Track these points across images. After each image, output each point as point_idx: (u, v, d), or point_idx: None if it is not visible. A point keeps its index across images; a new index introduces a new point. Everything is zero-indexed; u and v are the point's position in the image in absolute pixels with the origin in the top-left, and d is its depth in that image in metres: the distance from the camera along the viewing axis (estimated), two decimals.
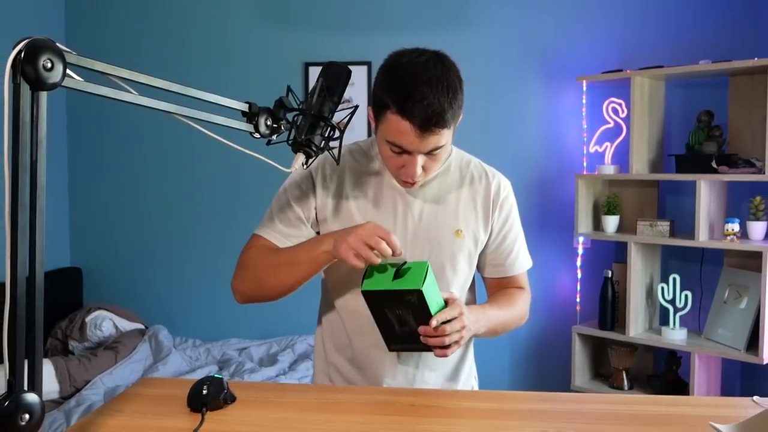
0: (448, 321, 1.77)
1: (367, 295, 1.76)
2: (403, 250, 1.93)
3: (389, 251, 1.75)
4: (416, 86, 1.76)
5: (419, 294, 1.70)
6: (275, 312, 4.84)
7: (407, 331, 1.78)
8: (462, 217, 2.07)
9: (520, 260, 2.19)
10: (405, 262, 1.80)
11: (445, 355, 1.79)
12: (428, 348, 1.81)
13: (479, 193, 2.11)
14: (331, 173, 2.09)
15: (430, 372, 2.09)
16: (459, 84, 1.84)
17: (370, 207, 2.05)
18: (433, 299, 1.75)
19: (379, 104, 1.84)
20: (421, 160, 1.86)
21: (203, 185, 5.03)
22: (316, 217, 2.09)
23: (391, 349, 1.88)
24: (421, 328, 1.76)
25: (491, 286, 2.21)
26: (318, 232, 2.10)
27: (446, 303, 1.82)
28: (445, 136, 1.83)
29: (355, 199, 2.05)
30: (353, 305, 2.04)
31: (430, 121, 1.76)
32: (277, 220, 2.08)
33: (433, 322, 1.74)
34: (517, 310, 2.14)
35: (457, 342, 1.79)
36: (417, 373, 2.08)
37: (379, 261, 1.77)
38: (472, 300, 2.21)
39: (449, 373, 2.15)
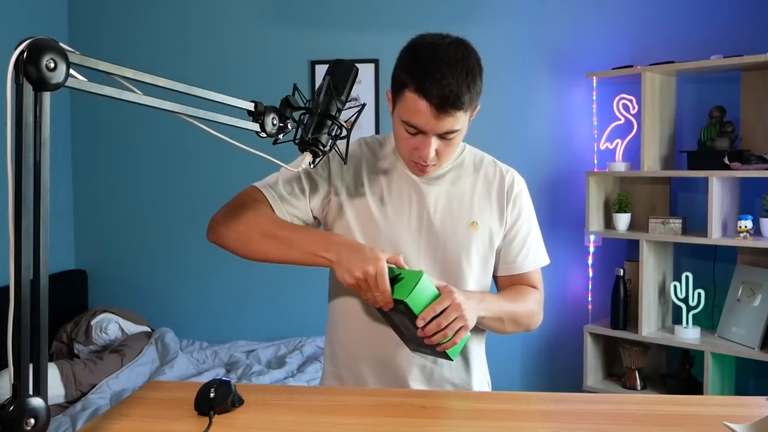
0: (442, 313, 1.74)
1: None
2: (418, 242, 1.99)
3: (378, 299, 1.78)
4: (436, 66, 1.79)
5: (405, 304, 1.71)
6: (283, 314, 4.85)
7: (415, 335, 1.78)
8: (477, 210, 2.07)
9: (532, 257, 2.15)
10: (399, 273, 1.78)
11: (454, 343, 1.76)
12: (442, 354, 1.81)
13: (493, 186, 2.11)
14: (347, 165, 2.10)
15: (448, 365, 2.07)
16: (479, 70, 1.88)
17: (384, 198, 2.05)
18: (425, 306, 1.75)
19: (398, 83, 1.88)
20: (435, 143, 1.88)
21: (209, 186, 5.03)
22: (327, 201, 2.08)
23: (411, 349, 1.89)
24: (419, 332, 1.75)
25: (503, 284, 2.19)
26: (320, 218, 2.10)
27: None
28: (460, 120, 1.85)
29: (371, 189, 2.06)
30: (363, 303, 2.04)
31: (447, 101, 1.78)
32: (280, 182, 2.09)
33: (419, 322, 1.73)
34: (525, 304, 2.09)
35: (462, 329, 1.77)
36: (435, 368, 2.06)
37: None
38: None
39: (464, 364, 2.12)
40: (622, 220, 4.31)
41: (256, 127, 1.62)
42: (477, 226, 2.05)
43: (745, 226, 3.85)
